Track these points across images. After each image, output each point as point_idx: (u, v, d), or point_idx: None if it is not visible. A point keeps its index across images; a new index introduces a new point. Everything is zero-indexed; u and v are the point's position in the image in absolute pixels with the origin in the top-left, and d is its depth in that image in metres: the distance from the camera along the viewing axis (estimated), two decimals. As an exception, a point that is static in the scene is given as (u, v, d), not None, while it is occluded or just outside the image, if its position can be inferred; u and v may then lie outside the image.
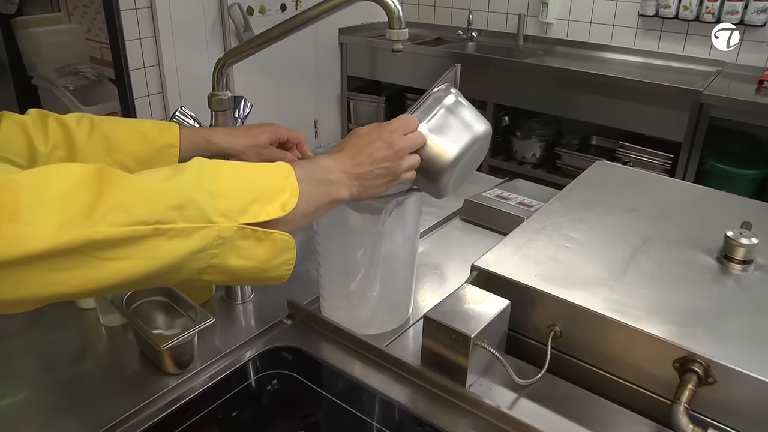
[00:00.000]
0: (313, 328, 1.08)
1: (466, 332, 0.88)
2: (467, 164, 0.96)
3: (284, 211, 0.71)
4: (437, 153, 0.90)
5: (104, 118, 0.95)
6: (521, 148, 3.54)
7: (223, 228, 0.66)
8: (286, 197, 0.72)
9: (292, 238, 0.73)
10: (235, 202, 0.68)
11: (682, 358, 0.87)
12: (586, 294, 0.97)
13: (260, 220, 0.69)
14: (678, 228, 1.18)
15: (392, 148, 0.84)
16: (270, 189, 0.71)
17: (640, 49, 3.45)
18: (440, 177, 0.92)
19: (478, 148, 0.95)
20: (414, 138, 0.87)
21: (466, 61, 3.59)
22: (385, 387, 0.95)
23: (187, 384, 0.96)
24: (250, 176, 0.72)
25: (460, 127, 0.92)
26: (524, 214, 1.38)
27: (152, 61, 2.95)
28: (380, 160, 0.83)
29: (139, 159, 0.95)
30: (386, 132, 0.85)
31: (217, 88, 1.00)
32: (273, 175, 0.74)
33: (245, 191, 0.70)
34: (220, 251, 0.67)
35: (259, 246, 0.70)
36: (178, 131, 0.98)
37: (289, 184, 0.73)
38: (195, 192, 0.65)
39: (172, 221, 0.62)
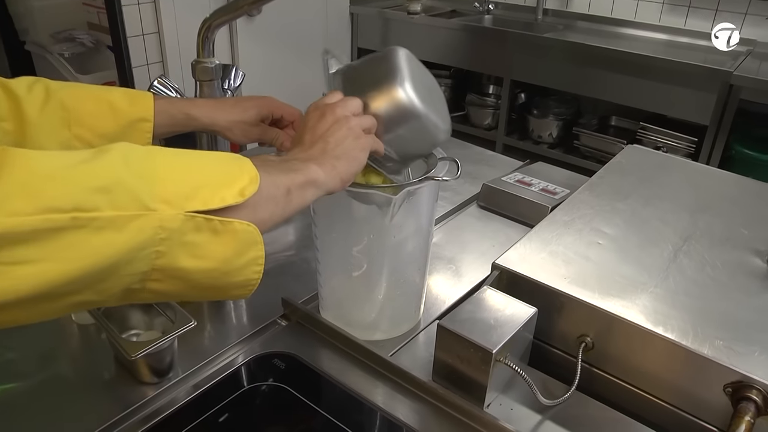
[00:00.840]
0: (310, 331, 0.96)
1: (487, 347, 0.76)
2: (424, 84, 0.80)
3: (243, 197, 0.57)
4: (380, 96, 0.76)
5: (64, 85, 0.81)
6: (537, 127, 3.40)
7: (167, 216, 0.52)
8: (245, 182, 0.58)
9: (257, 231, 0.59)
10: (179, 186, 0.54)
11: (737, 383, 0.75)
12: (623, 301, 0.85)
13: (214, 206, 0.55)
14: (722, 225, 1.06)
15: (328, 113, 0.72)
16: (223, 173, 0.58)
17: (665, 26, 3.29)
18: (408, 109, 0.76)
19: (416, 66, 0.81)
20: (345, 101, 0.75)
21: (482, 35, 3.45)
22: (389, 404, 0.83)
23: (166, 394, 0.85)
24: (196, 162, 0.58)
25: (378, 62, 0.79)
26: (549, 203, 1.26)
27: (152, 28, 2.81)
28: (325, 128, 0.71)
29: (104, 135, 0.81)
30: (311, 108, 0.75)
31: (202, 54, 0.87)
32: (225, 161, 0.60)
33: (191, 175, 0.56)
34: (165, 248, 0.52)
35: (216, 240, 0.56)
36: (152, 102, 0.84)
37: (247, 171, 0.59)
38: (123, 173, 0.51)
39: (96, 208, 0.48)
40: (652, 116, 3.08)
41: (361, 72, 0.80)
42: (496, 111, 3.50)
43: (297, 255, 1.16)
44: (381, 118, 0.76)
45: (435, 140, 0.82)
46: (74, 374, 0.89)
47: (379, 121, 0.76)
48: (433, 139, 0.81)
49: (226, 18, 0.84)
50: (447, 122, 0.82)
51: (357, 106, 0.74)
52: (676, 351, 0.79)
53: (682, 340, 0.78)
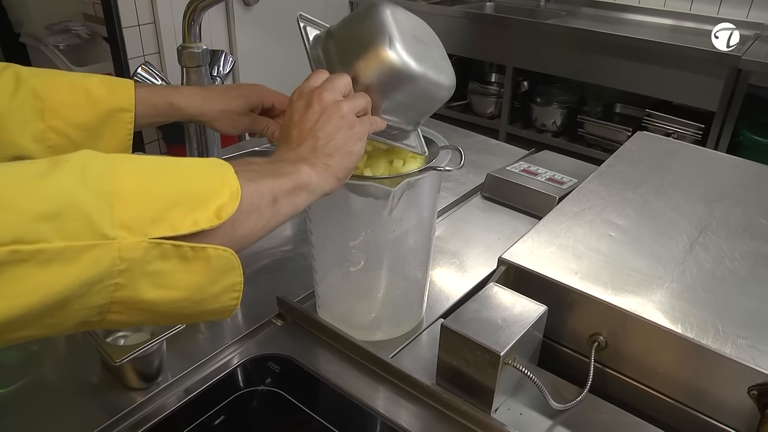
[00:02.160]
0: (306, 332, 0.91)
1: (494, 349, 0.71)
2: (416, 37, 0.73)
3: (219, 219, 0.50)
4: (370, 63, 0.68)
5: (36, 72, 0.75)
6: (541, 115, 3.34)
7: (127, 245, 0.45)
8: (223, 199, 0.51)
9: (234, 256, 0.53)
10: (144, 208, 0.46)
11: (763, 385, 0.70)
12: (638, 297, 0.80)
13: (183, 232, 0.48)
14: (739, 214, 1.01)
15: (315, 101, 0.65)
16: (198, 189, 0.51)
17: (670, 10, 3.22)
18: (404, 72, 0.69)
19: (405, 19, 0.73)
20: (331, 80, 0.67)
21: (483, 22, 3.38)
22: (390, 409, 0.79)
23: (155, 400, 0.80)
24: (167, 174, 0.50)
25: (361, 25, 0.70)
26: (556, 193, 1.20)
27: (147, 19, 2.75)
28: (313, 120, 0.64)
29: (82, 126, 0.75)
30: (295, 97, 0.67)
31: (188, 39, 0.81)
32: (203, 172, 0.52)
33: (159, 193, 0.48)
34: (126, 280, 0.46)
35: (185, 268, 0.49)
36: (133, 91, 0.78)
37: (227, 182, 0.52)
38: (78, 193, 0.44)
39: (42, 239, 0.41)
40: (657, 103, 3.02)
41: (343, 37, 0.72)
42: (498, 99, 3.44)
43: (293, 250, 1.12)
44: (375, 88, 0.69)
45: (439, 98, 0.75)
46: (59, 379, 0.84)
47: (374, 91, 0.69)
48: (437, 97, 0.75)
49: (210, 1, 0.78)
50: (450, 76, 0.75)
51: (345, 85, 0.68)
52: (696, 350, 0.74)
53: (702, 338, 0.73)
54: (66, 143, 0.74)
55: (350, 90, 0.68)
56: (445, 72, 0.74)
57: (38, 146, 0.73)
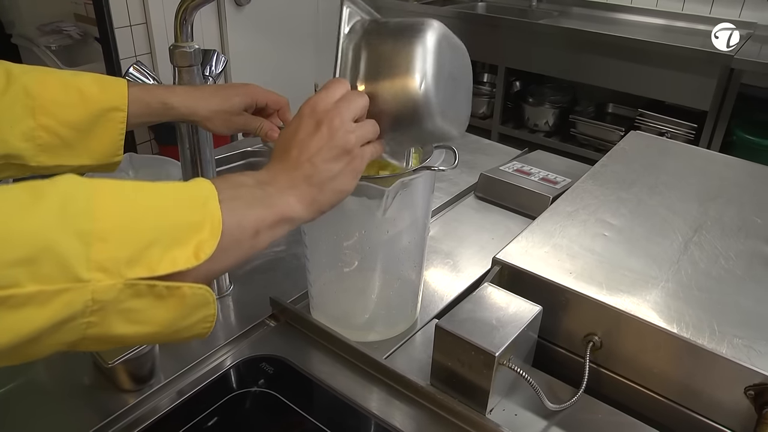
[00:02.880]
0: (300, 332, 0.90)
1: (489, 350, 0.70)
2: (452, 74, 0.70)
3: (197, 260, 0.49)
4: (394, 92, 0.65)
5: (28, 69, 0.73)
6: (533, 115, 3.35)
7: (102, 287, 0.44)
8: (203, 236, 0.50)
9: (209, 291, 0.52)
10: (122, 248, 0.45)
11: (759, 385, 0.70)
12: (633, 297, 0.80)
13: (160, 273, 0.47)
14: (733, 213, 1.01)
15: (325, 124, 0.62)
16: (179, 224, 0.49)
17: (662, 10, 3.23)
18: (423, 116, 0.66)
19: (447, 51, 0.68)
20: (348, 102, 0.64)
21: (475, 22, 3.38)
22: (384, 410, 0.78)
23: (148, 402, 0.79)
24: (149, 204, 0.49)
25: (401, 45, 0.65)
26: (550, 193, 1.20)
27: (139, 19, 2.74)
28: (317, 146, 0.61)
29: (73, 125, 0.74)
30: (308, 113, 0.63)
31: (180, 39, 0.80)
32: (185, 202, 0.51)
33: (139, 229, 0.47)
34: (98, 319, 0.45)
35: (159, 305, 0.48)
36: (126, 90, 0.76)
37: (209, 214, 0.51)
38: (56, 234, 0.43)
39: (15, 284, 0.40)
40: (650, 103, 3.03)
41: (380, 44, 0.67)
42: (491, 99, 3.44)
43: (286, 251, 1.11)
44: (389, 117, 0.66)
45: (445, 139, 0.73)
46: (51, 381, 0.84)
47: (386, 118, 0.66)
48: (444, 138, 0.73)
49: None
50: (464, 121, 0.73)
51: (362, 109, 0.65)
52: (692, 350, 0.73)
53: (698, 338, 0.73)
54: (56, 142, 0.73)
55: (364, 114, 0.65)
56: (460, 118, 0.72)
57: (28, 144, 0.71)
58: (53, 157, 0.74)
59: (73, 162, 0.75)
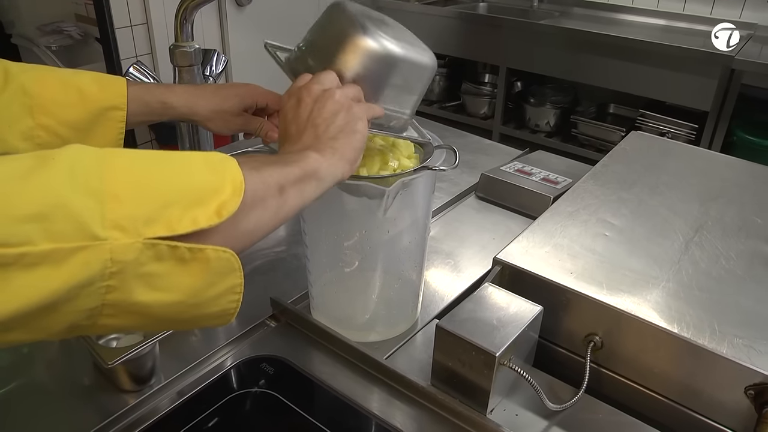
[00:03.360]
0: (300, 333, 0.90)
1: (490, 350, 0.70)
2: (382, 21, 0.74)
3: (220, 218, 0.47)
4: (348, 52, 0.68)
5: (26, 67, 0.73)
6: (534, 115, 3.34)
7: (120, 246, 0.42)
8: (225, 196, 0.48)
9: (234, 256, 0.50)
10: (138, 207, 0.44)
11: (760, 384, 0.70)
12: (634, 297, 0.80)
13: (181, 231, 0.46)
14: (734, 213, 1.00)
15: (304, 93, 0.65)
16: (198, 186, 0.48)
17: (663, 11, 3.23)
18: (383, 53, 0.69)
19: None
20: (317, 77, 0.67)
21: (477, 22, 3.38)
22: (385, 410, 0.78)
23: (148, 402, 0.79)
24: (164, 168, 0.47)
25: (330, 27, 0.72)
26: (550, 193, 1.20)
27: (140, 19, 2.74)
28: (307, 112, 0.64)
29: (72, 124, 0.74)
30: (285, 97, 0.68)
31: (180, 38, 0.80)
32: (202, 165, 0.49)
33: (155, 189, 0.45)
34: (118, 282, 0.43)
35: (182, 270, 0.47)
36: (125, 88, 0.76)
37: (230, 174, 0.49)
38: (67, 191, 0.41)
39: (27, 241, 0.39)
40: (651, 103, 3.02)
41: (315, 43, 0.73)
42: (492, 100, 3.44)
43: (287, 251, 1.11)
44: (362, 78, 0.69)
45: (426, 74, 0.75)
46: (51, 382, 0.83)
47: (362, 81, 0.68)
48: (424, 73, 0.74)
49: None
50: (429, 52, 0.75)
51: (332, 79, 0.67)
52: (692, 350, 0.73)
53: (699, 338, 0.73)
54: (55, 141, 0.73)
55: (337, 83, 0.67)
56: (422, 48, 0.74)
57: (26, 144, 0.71)
58: None
59: None
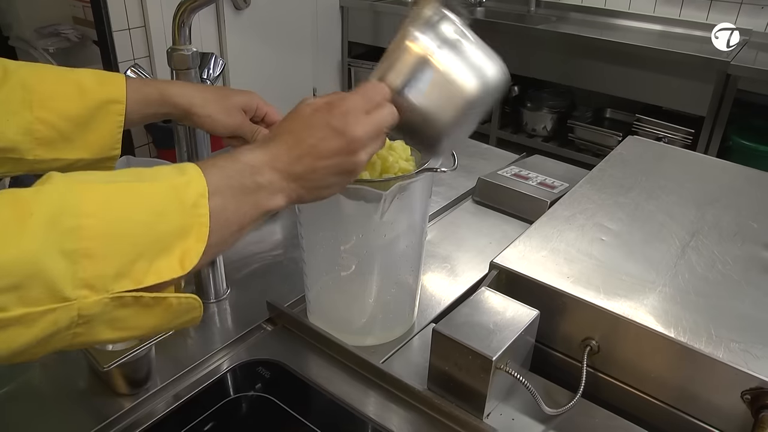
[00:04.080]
0: (297, 337, 0.90)
1: (486, 354, 0.70)
2: (474, 118, 0.70)
3: (183, 270, 0.49)
4: (423, 120, 0.65)
5: (25, 64, 0.73)
6: (531, 120, 3.35)
7: (87, 304, 0.45)
8: (189, 243, 0.50)
9: (196, 300, 0.53)
10: (109, 264, 0.46)
11: (756, 389, 0.70)
12: (630, 301, 0.80)
13: (146, 284, 0.48)
14: (730, 218, 1.00)
15: (344, 138, 0.59)
16: (166, 232, 0.49)
17: (660, 16, 3.24)
18: (431, 146, 0.69)
19: (487, 98, 0.69)
20: (378, 119, 0.62)
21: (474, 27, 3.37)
22: (382, 414, 0.78)
23: (144, 406, 0.79)
24: (138, 214, 0.48)
25: (458, 78, 0.65)
26: (547, 197, 1.20)
27: (138, 22, 2.74)
28: (328, 155, 0.59)
29: (72, 117, 0.73)
30: (336, 114, 0.59)
31: (178, 42, 0.80)
32: (174, 205, 0.50)
33: (127, 243, 0.47)
34: (84, 329, 0.46)
35: (145, 313, 0.49)
36: (124, 82, 0.76)
37: (197, 218, 0.51)
38: (43, 257, 0.43)
39: (3, 308, 0.42)
40: (647, 108, 3.03)
41: (440, 75, 0.66)
42: (489, 104, 3.44)
43: (284, 254, 1.11)
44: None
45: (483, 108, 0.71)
46: (46, 385, 0.83)
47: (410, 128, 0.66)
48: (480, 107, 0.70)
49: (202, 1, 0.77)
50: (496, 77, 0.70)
51: (389, 125, 0.63)
52: (689, 355, 0.73)
53: (695, 342, 0.73)
54: (54, 135, 0.72)
55: (385, 100, 0.64)
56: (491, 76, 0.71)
57: (25, 138, 0.71)
58: (50, 150, 0.73)
59: (70, 155, 0.75)
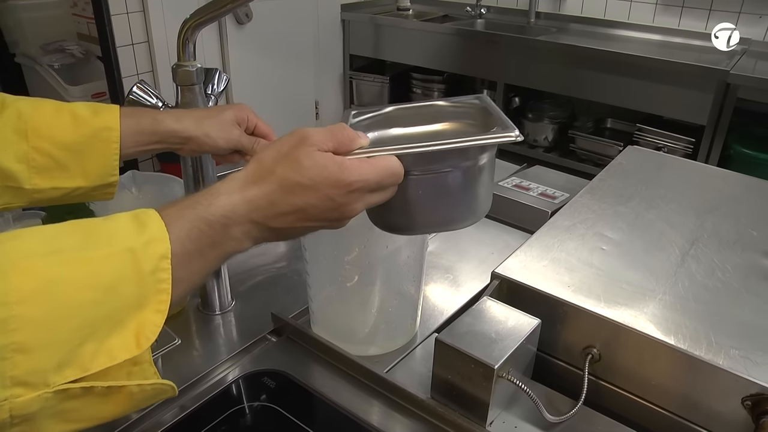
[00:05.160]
0: (301, 347, 0.91)
1: (488, 362, 0.71)
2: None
3: (140, 348, 0.44)
4: (403, 212, 0.66)
5: (22, 98, 0.75)
6: (533, 130, 3.36)
7: (20, 403, 0.40)
8: (146, 315, 0.45)
9: (168, 385, 0.48)
10: (49, 355, 0.41)
11: (756, 395, 0.70)
12: (631, 309, 0.81)
13: (95, 370, 0.42)
14: (730, 226, 1.01)
15: (339, 212, 0.57)
16: (118, 306, 0.44)
17: (659, 26, 3.26)
18: (388, 228, 0.70)
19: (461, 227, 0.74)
20: (380, 199, 0.60)
21: (474, 39, 3.41)
22: (385, 423, 0.79)
23: (151, 417, 0.79)
24: (84, 285, 0.43)
25: (457, 201, 0.69)
26: (548, 207, 1.21)
27: (141, 38, 2.77)
28: (314, 220, 0.57)
29: (66, 145, 0.74)
30: (342, 187, 0.55)
31: (183, 58, 0.82)
32: (130, 273, 0.45)
33: (71, 324, 0.42)
34: (28, 427, 0.41)
35: (102, 402, 0.44)
36: (118, 111, 0.77)
37: (157, 285, 0.46)
38: None
39: None
40: (648, 117, 3.05)
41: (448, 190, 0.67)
42: (490, 115, 3.45)
43: (288, 267, 1.12)
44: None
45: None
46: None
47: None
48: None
49: (206, 18, 0.79)
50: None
51: (395, 182, 0.60)
52: (689, 362, 0.74)
53: (695, 350, 0.74)
54: (50, 164, 0.74)
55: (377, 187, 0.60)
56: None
57: (22, 166, 0.73)
58: (48, 179, 0.75)
59: (67, 184, 0.76)
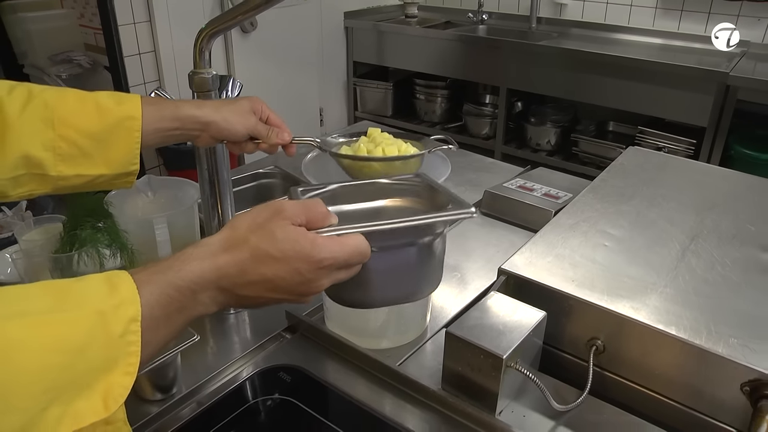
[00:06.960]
0: (315, 343, 0.94)
1: (497, 352, 0.74)
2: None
3: (107, 410, 0.44)
4: (364, 289, 0.71)
5: (48, 87, 0.78)
6: (535, 134, 3.39)
7: None
8: (114, 378, 0.45)
9: None
10: (11, 420, 0.40)
11: (755, 381, 0.73)
12: (633, 302, 0.84)
13: None
14: (728, 222, 1.04)
15: (306, 287, 0.60)
16: (86, 369, 0.44)
17: (659, 30, 3.29)
18: (346, 303, 0.76)
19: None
20: (345, 276, 0.64)
21: (476, 44, 3.44)
22: (398, 414, 0.82)
23: (170, 411, 0.83)
24: (51, 349, 0.43)
25: (421, 279, 0.77)
26: (552, 207, 1.24)
27: (148, 47, 2.81)
28: (280, 292, 0.59)
29: (91, 134, 0.78)
30: (312, 263, 0.58)
31: (199, 65, 0.85)
32: (97, 334, 0.45)
33: (36, 388, 0.41)
34: None
35: None
36: (140, 101, 0.81)
37: (126, 347, 0.46)
38: None
39: None
40: (649, 120, 3.07)
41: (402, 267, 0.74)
42: (493, 120, 3.49)
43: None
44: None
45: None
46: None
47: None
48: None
49: (221, 27, 0.82)
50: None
51: (362, 260, 0.64)
52: (690, 351, 0.77)
53: (696, 339, 0.77)
54: (75, 151, 0.78)
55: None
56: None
57: (48, 154, 0.76)
58: (72, 166, 0.78)
59: (91, 171, 0.80)
